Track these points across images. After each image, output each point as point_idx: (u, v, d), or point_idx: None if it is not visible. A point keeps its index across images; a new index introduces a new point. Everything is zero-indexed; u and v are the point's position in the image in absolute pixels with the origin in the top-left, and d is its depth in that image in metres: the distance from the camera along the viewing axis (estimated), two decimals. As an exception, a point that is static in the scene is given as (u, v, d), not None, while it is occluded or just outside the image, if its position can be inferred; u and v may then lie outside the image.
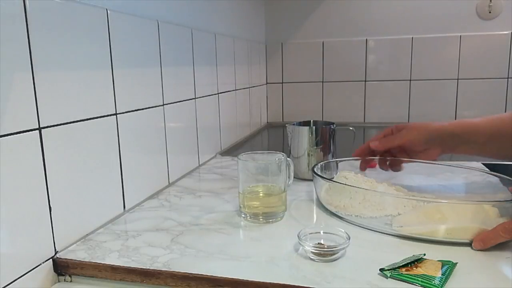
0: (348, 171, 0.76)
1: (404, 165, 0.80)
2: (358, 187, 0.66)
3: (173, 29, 0.91)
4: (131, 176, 0.75)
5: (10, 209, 0.49)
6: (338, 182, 0.69)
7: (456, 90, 1.65)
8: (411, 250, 0.55)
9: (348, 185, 0.67)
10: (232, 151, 1.26)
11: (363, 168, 0.80)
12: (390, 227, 0.61)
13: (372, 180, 0.72)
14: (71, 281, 0.56)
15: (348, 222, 0.66)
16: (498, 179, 0.72)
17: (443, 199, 0.61)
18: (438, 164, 0.77)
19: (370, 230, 0.62)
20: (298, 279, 0.49)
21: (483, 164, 0.99)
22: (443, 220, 0.57)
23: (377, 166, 0.81)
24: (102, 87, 0.67)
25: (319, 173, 0.73)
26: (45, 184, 0.54)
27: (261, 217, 0.68)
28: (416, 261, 0.51)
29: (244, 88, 1.48)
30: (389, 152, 0.80)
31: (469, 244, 0.56)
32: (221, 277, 0.50)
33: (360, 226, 0.64)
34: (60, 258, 0.56)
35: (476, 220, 0.56)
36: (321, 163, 0.81)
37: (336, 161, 0.87)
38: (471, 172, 0.79)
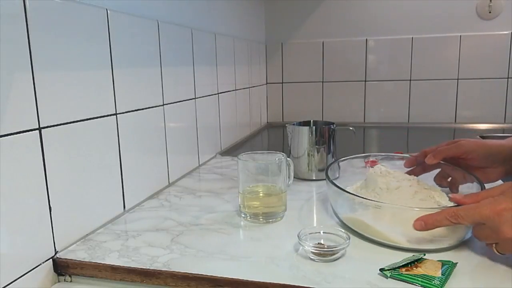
0: (383, 166, 0.75)
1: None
2: (365, 198, 0.63)
3: (173, 29, 0.91)
4: (131, 176, 0.75)
5: (10, 209, 0.49)
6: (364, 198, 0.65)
7: (456, 90, 1.65)
8: (411, 250, 0.55)
9: (359, 196, 0.64)
10: (232, 151, 1.26)
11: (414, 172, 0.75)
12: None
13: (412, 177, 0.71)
14: (71, 281, 0.56)
15: (336, 216, 0.66)
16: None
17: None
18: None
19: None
20: (298, 279, 0.49)
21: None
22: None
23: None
24: (102, 87, 0.67)
25: (336, 183, 0.69)
26: (45, 184, 0.54)
27: (261, 217, 0.68)
28: (416, 261, 0.51)
29: (244, 88, 1.48)
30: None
31: (469, 244, 0.56)
32: (221, 277, 0.50)
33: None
34: (60, 258, 0.56)
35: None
36: (329, 165, 0.79)
37: (338, 161, 0.86)
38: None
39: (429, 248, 0.55)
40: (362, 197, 0.61)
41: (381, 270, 0.50)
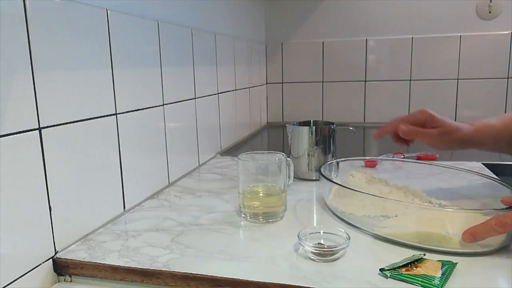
0: (357, 170, 0.75)
1: (404, 165, 0.79)
2: (365, 193, 0.64)
3: (173, 29, 0.91)
4: (131, 176, 0.75)
5: (10, 209, 0.49)
6: (350, 188, 0.67)
7: (456, 90, 1.65)
8: (411, 250, 0.55)
9: (352, 189, 0.65)
10: (232, 151, 1.26)
11: (377, 136, 0.76)
12: (375, 226, 0.60)
13: (382, 180, 0.72)
14: (71, 281, 0.56)
15: (347, 223, 0.66)
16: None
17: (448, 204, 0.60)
18: (440, 165, 0.77)
19: (362, 229, 0.62)
20: (298, 279, 0.49)
21: (483, 164, 0.99)
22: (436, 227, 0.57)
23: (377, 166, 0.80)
24: (102, 87, 0.67)
25: (326, 175, 0.71)
26: (45, 184, 0.54)
27: (261, 217, 0.68)
28: (416, 261, 0.51)
29: (244, 88, 1.48)
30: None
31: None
32: (221, 277, 0.50)
33: (355, 226, 0.64)
34: (60, 258, 0.56)
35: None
36: (325, 164, 0.80)
37: (338, 161, 0.86)
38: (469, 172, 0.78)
39: (481, 251, 0.55)
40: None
41: (381, 270, 0.50)
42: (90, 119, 0.63)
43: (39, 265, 0.54)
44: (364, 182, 0.71)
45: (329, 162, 0.83)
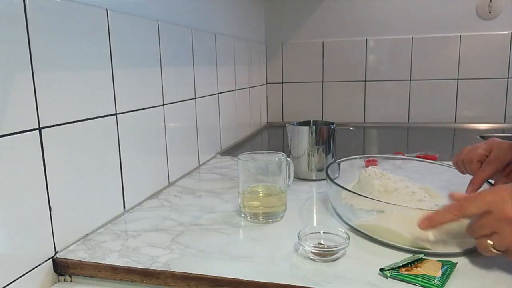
0: (376, 168, 0.75)
1: (404, 165, 0.79)
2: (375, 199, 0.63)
3: (173, 29, 0.91)
4: (131, 176, 0.75)
5: (10, 209, 0.49)
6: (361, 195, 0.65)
7: (456, 90, 1.65)
8: (411, 250, 0.55)
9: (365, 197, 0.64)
10: (232, 151, 1.26)
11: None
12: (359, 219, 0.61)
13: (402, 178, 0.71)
14: (71, 281, 0.56)
15: (346, 223, 0.66)
16: None
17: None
18: (440, 165, 0.77)
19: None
20: (298, 279, 0.49)
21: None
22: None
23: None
24: (102, 87, 0.67)
25: (335, 181, 0.70)
26: (45, 184, 0.54)
27: (261, 217, 0.68)
28: (416, 261, 0.51)
29: (244, 88, 1.48)
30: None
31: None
32: (221, 277, 0.50)
33: (351, 226, 0.64)
34: (60, 258, 0.56)
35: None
36: (328, 165, 0.79)
37: (338, 162, 0.86)
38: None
39: (453, 252, 0.54)
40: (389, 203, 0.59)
41: (381, 270, 0.50)
42: (90, 119, 0.63)
43: (39, 265, 0.54)
44: (373, 178, 0.71)
45: (333, 163, 0.82)
